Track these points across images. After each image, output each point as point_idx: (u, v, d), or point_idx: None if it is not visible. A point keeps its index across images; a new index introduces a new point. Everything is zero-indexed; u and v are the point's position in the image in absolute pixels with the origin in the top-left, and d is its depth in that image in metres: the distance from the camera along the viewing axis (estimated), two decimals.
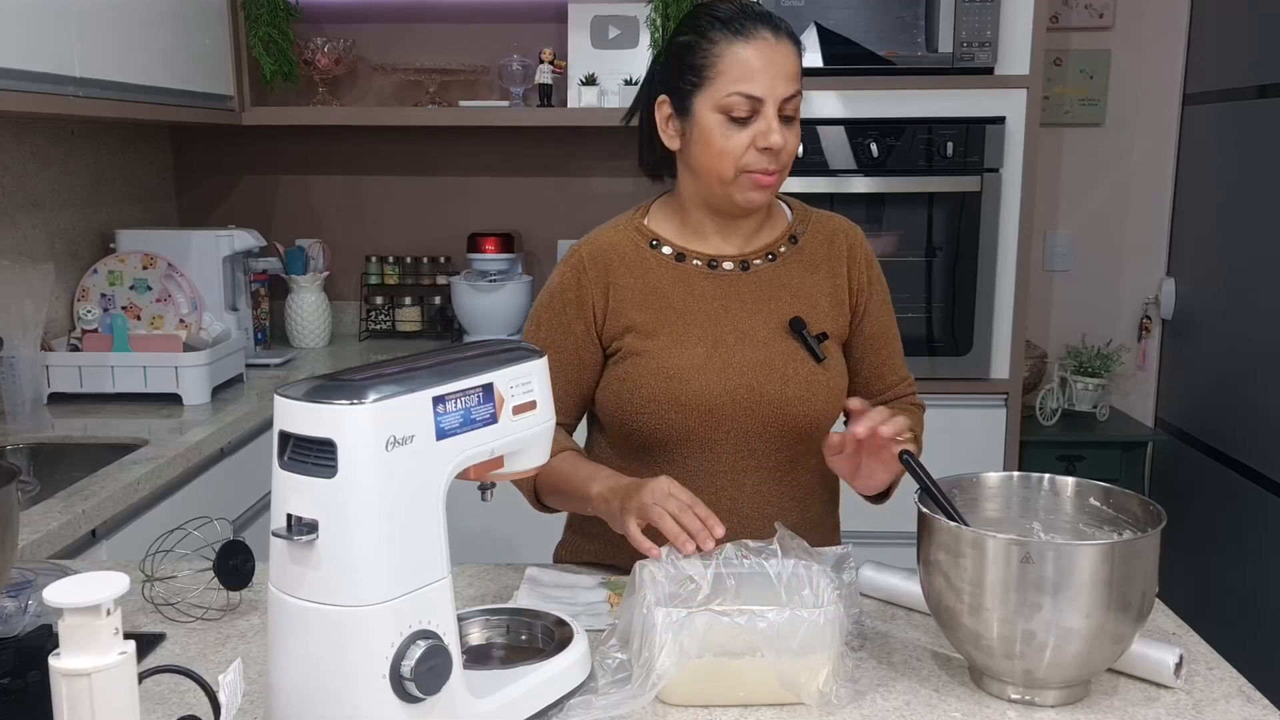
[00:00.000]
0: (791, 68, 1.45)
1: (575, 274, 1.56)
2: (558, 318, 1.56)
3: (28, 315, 2.35)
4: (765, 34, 1.44)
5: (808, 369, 1.52)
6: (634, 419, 1.52)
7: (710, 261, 1.56)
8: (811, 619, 1.13)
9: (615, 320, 1.54)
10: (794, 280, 1.57)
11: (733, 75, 1.43)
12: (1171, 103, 3.46)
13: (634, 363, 1.52)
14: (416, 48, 3.38)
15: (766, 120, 1.44)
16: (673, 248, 1.57)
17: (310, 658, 1.00)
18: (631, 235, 1.58)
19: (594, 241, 1.59)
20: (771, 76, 1.43)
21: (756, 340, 1.53)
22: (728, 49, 1.44)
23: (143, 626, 1.35)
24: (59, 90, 2.20)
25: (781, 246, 1.58)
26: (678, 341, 1.52)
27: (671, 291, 1.54)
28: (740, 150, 1.45)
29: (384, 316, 3.46)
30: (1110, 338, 3.54)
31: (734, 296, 1.55)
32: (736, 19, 1.45)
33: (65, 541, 1.72)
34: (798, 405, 1.51)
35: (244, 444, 2.47)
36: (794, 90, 1.45)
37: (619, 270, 1.55)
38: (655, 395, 1.50)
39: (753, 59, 1.43)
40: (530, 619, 1.28)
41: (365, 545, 0.98)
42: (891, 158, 2.83)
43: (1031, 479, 1.31)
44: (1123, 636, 1.14)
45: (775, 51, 1.44)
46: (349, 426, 0.97)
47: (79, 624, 0.86)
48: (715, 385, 1.50)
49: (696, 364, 1.50)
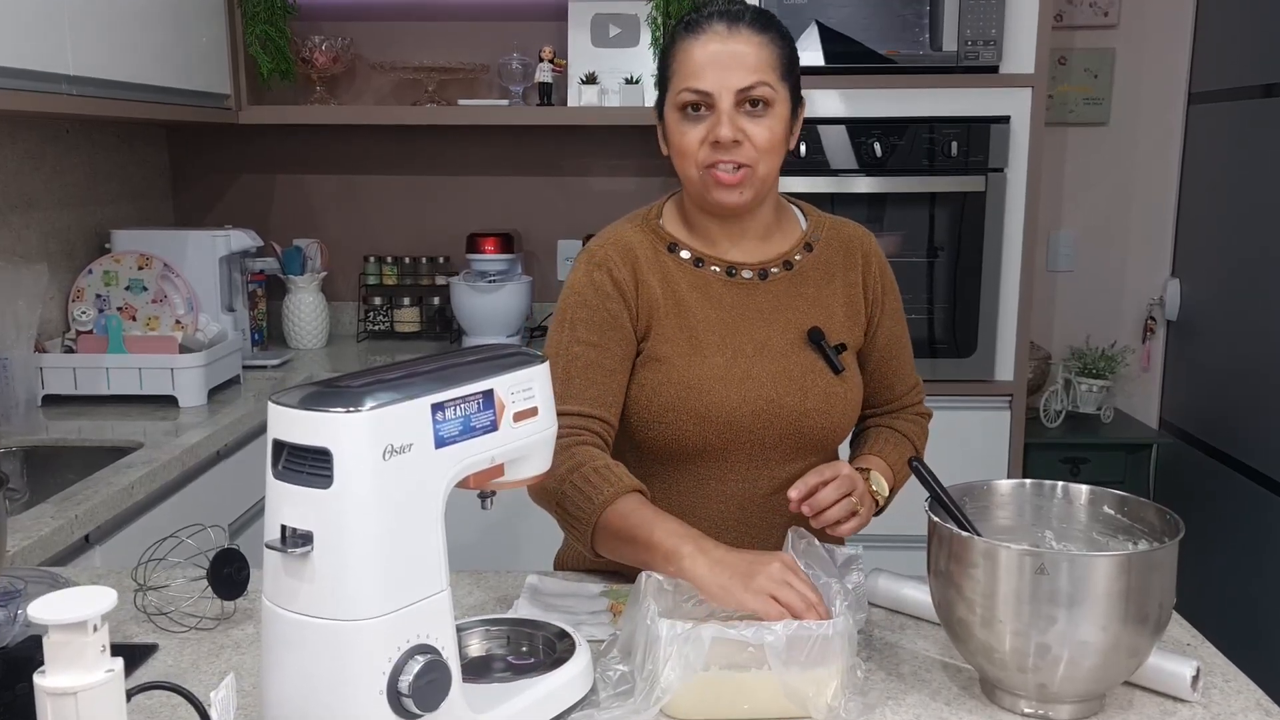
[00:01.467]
0: (752, 58, 1.40)
1: (605, 268, 1.49)
2: (600, 311, 1.48)
3: (21, 316, 2.32)
4: (718, 27, 1.41)
5: (826, 381, 1.50)
6: (651, 426, 1.49)
7: (729, 269, 1.52)
8: (820, 631, 1.11)
9: (643, 318, 1.50)
10: (810, 290, 1.54)
11: (684, 72, 1.42)
12: (1176, 102, 3.44)
13: (654, 369, 1.48)
14: (415, 46, 3.35)
15: (717, 114, 1.41)
16: (691, 252, 1.53)
17: (305, 673, 0.97)
18: (649, 236, 1.54)
19: (613, 239, 1.53)
20: (721, 69, 1.40)
21: (775, 351, 1.50)
22: (681, 47, 1.43)
23: (135, 637, 1.33)
24: (53, 89, 2.17)
25: (797, 255, 1.55)
26: (696, 350, 1.48)
27: (690, 297, 1.50)
28: (695, 147, 1.43)
29: (382, 317, 3.44)
30: (1114, 339, 3.52)
31: (752, 306, 1.51)
32: (695, 17, 1.44)
33: (58, 547, 1.70)
34: (816, 417, 1.49)
35: (241, 446, 2.44)
36: (752, 80, 1.40)
37: (643, 268, 1.51)
38: (674, 405, 1.47)
39: (700, 54, 1.41)
40: (531, 630, 1.25)
41: (362, 557, 0.96)
42: (894, 157, 2.81)
43: (1044, 486, 1.28)
44: (1139, 650, 1.12)
45: (728, 42, 1.40)
46: (345, 435, 0.94)
47: (65, 641, 0.83)
48: (734, 397, 1.46)
49: (716, 375, 1.47)
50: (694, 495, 1.51)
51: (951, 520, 1.19)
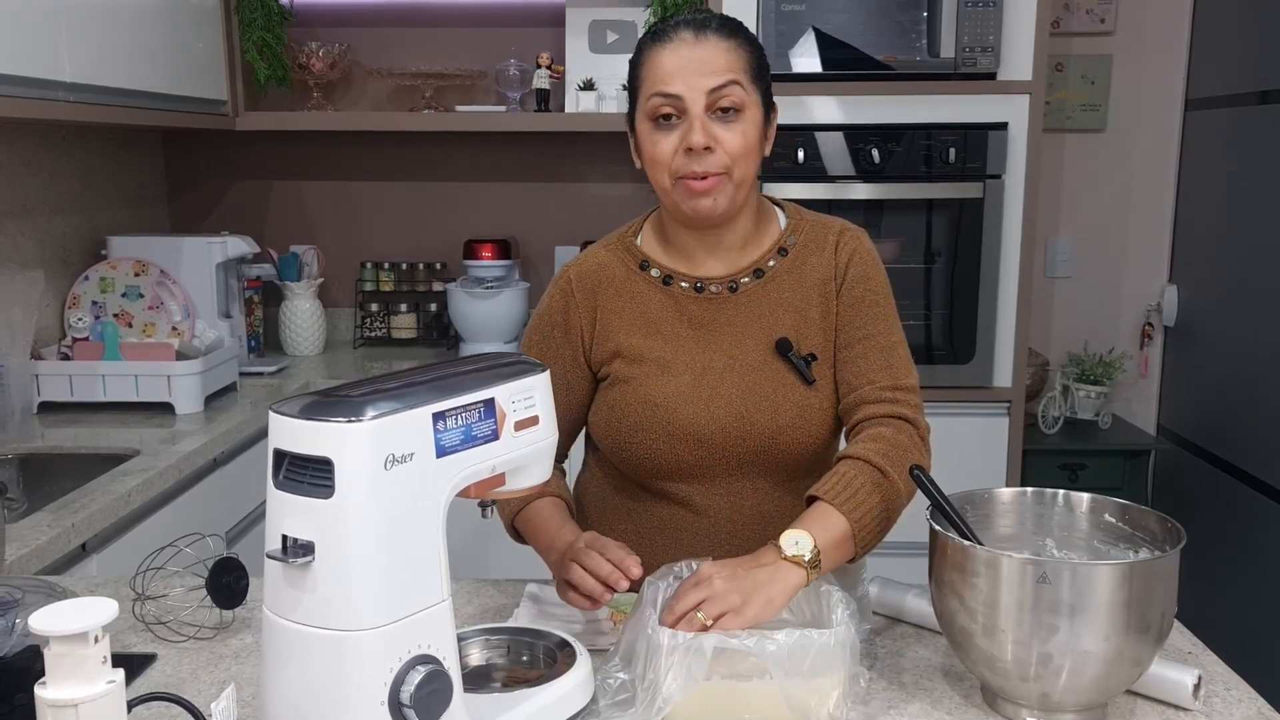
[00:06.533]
0: (721, 61, 1.38)
1: (563, 297, 1.53)
2: (545, 341, 1.54)
3: (17, 323, 2.31)
4: (685, 34, 1.39)
5: (799, 395, 1.46)
6: (624, 447, 1.48)
7: (697, 284, 1.50)
8: (822, 641, 1.11)
9: (603, 344, 1.51)
10: (785, 296, 1.49)
11: (653, 79, 1.40)
12: (1173, 108, 3.44)
13: (621, 390, 1.48)
14: (412, 52, 3.35)
15: (689, 120, 1.38)
16: (661, 270, 1.52)
17: (306, 683, 0.97)
18: (622, 255, 1.54)
19: (584, 262, 1.55)
20: (691, 73, 1.37)
21: (746, 366, 1.47)
22: (649, 56, 1.42)
23: (133, 646, 1.32)
24: (49, 95, 2.17)
25: (770, 261, 1.50)
26: (664, 369, 1.47)
27: (659, 316, 1.50)
28: (669, 155, 1.40)
29: (379, 323, 3.43)
30: (1112, 345, 3.52)
31: (722, 320, 1.49)
32: (661, 26, 1.43)
33: (54, 556, 1.69)
34: (790, 433, 1.45)
35: (237, 454, 2.44)
36: (723, 80, 1.37)
37: (607, 292, 1.51)
38: (643, 424, 1.46)
39: (669, 59, 1.39)
40: (532, 639, 1.25)
41: (363, 567, 0.95)
42: (892, 164, 2.81)
43: (1045, 494, 1.28)
44: (1141, 659, 1.11)
45: (696, 48, 1.39)
46: (347, 445, 0.94)
47: (65, 652, 0.83)
48: (703, 414, 1.45)
49: (683, 393, 1.46)
50: (683, 514, 1.50)
51: (953, 529, 1.19)
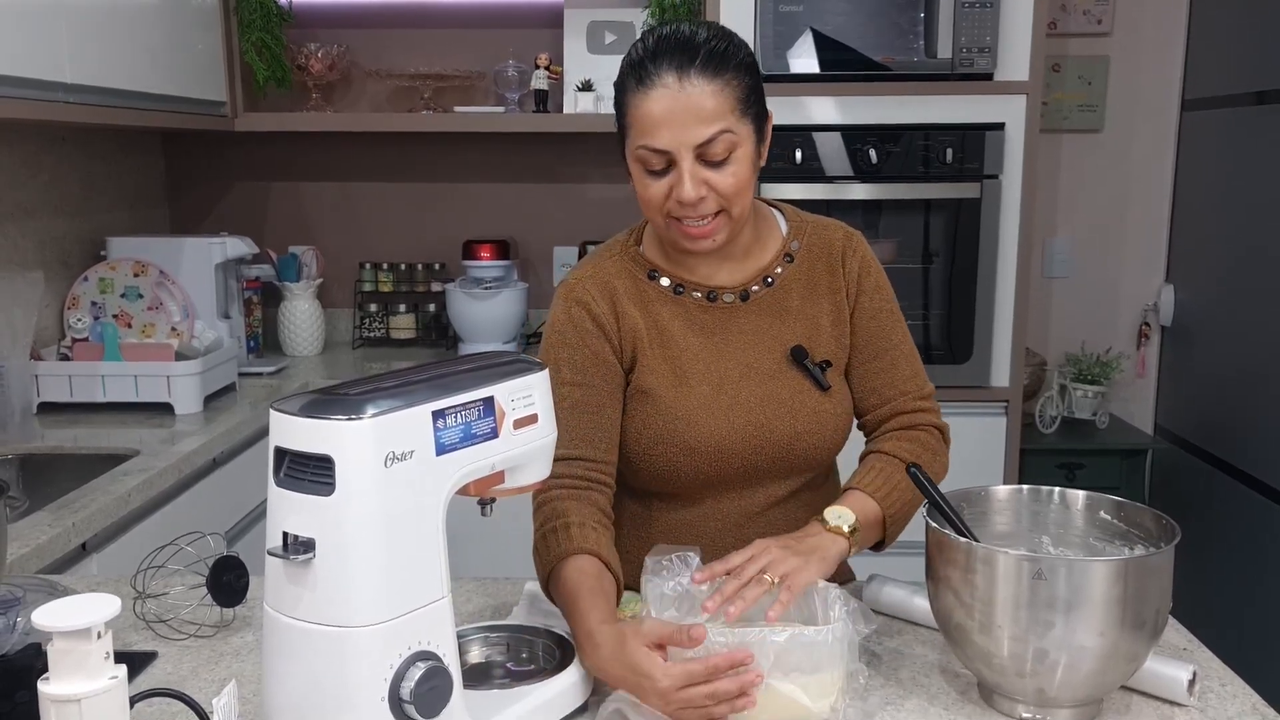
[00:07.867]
0: (709, 107, 1.30)
1: (582, 304, 1.45)
2: (581, 349, 1.43)
3: (17, 324, 2.32)
4: (668, 80, 1.30)
5: (815, 400, 1.46)
6: (643, 459, 1.45)
7: (709, 294, 1.48)
8: (821, 637, 1.11)
9: (628, 350, 1.46)
10: (794, 304, 1.48)
11: (639, 128, 1.33)
12: (1170, 109, 3.45)
13: (641, 402, 1.45)
14: (411, 53, 3.36)
15: (679, 172, 1.32)
16: (671, 279, 1.48)
17: (307, 680, 0.98)
18: (628, 265, 1.49)
19: (590, 273, 1.48)
20: (678, 126, 1.30)
21: (761, 374, 1.46)
22: (633, 99, 1.33)
23: (134, 645, 1.33)
24: (49, 96, 2.17)
25: (778, 268, 1.49)
26: (681, 380, 1.45)
27: (672, 325, 1.46)
28: (660, 200, 1.35)
29: (378, 324, 3.44)
30: (1110, 345, 3.52)
31: (735, 329, 1.47)
32: (643, 61, 1.33)
33: (54, 555, 1.69)
34: (807, 439, 1.45)
35: (237, 454, 2.44)
36: (712, 133, 1.30)
37: (623, 300, 1.46)
38: (663, 438, 1.43)
39: (654, 111, 1.31)
40: (531, 637, 1.26)
41: (364, 564, 0.96)
42: (889, 164, 2.81)
43: (1041, 492, 1.29)
44: (1137, 655, 1.12)
45: (680, 97, 1.30)
46: (347, 442, 0.95)
47: (68, 648, 0.84)
48: (723, 426, 1.43)
49: (702, 404, 1.43)
50: (691, 516, 1.50)
51: (950, 526, 1.20)
